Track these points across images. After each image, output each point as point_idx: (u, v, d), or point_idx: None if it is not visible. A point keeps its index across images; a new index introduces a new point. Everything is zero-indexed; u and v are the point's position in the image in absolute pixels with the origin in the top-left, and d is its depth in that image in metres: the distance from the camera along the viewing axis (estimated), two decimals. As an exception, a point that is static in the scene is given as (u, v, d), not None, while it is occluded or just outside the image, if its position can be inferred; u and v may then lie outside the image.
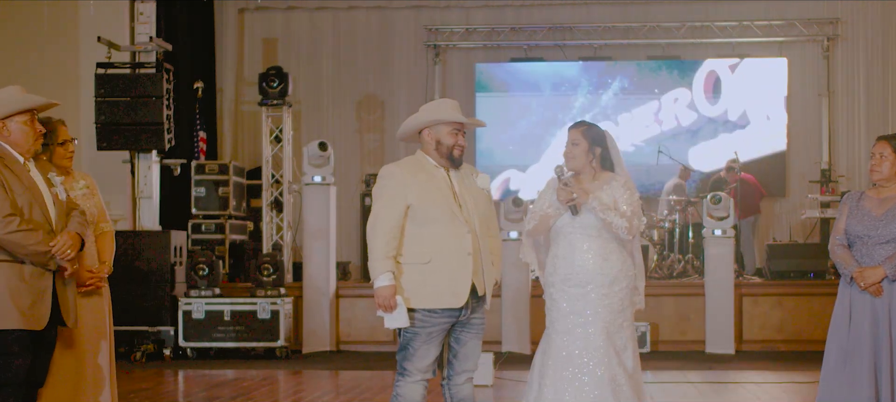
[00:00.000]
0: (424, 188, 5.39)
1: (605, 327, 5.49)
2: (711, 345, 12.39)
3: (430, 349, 5.39)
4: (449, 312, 5.37)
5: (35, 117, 5.38)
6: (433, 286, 5.34)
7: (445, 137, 5.49)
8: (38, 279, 5.21)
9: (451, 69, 17.24)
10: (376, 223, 5.36)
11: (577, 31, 16.91)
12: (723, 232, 12.56)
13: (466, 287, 5.36)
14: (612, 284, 5.53)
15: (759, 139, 16.46)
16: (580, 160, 5.65)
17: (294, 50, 17.12)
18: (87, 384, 5.72)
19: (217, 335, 12.01)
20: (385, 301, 5.30)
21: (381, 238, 5.33)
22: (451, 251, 5.35)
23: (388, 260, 5.32)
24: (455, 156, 5.49)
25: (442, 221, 5.37)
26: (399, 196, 5.36)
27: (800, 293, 12.80)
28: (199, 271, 12.15)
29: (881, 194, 5.95)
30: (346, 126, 17.15)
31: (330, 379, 10.72)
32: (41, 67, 13.78)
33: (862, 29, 16.53)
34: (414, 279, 5.35)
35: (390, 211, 5.36)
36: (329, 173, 12.83)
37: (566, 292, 5.55)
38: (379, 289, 5.31)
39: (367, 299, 13.00)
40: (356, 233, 15.96)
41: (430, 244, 5.35)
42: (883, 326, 5.78)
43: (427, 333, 5.36)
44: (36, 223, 5.18)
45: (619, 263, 5.56)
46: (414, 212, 5.36)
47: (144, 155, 12.89)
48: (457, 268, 5.36)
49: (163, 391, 9.78)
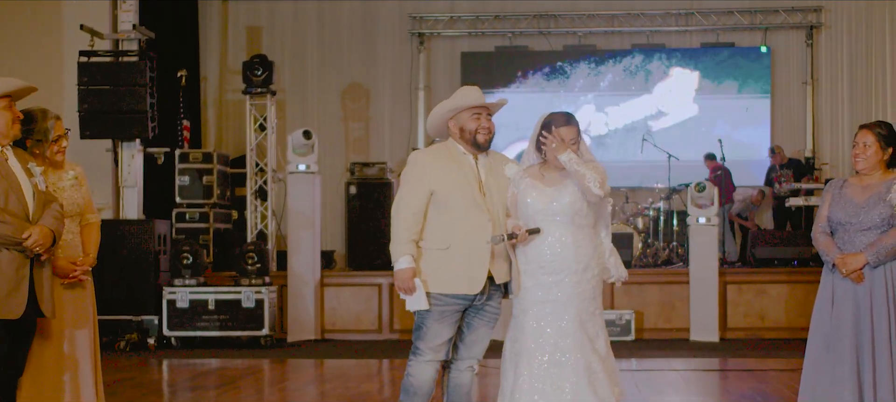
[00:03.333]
0: (449, 175, 5.51)
1: (578, 314, 5.48)
2: (696, 333, 12.43)
3: (443, 328, 5.51)
4: (463, 296, 5.49)
5: (13, 102, 5.34)
6: (450, 272, 5.46)
7: (468, 123, 5.58)
8: (15, 269, 5.18)
9: (436, 57, 17.23)
10: (399, 207, 5.51)
11: (562, 19, 16.92)
12: (707, 220, 12.59)
13: (483, 275, 5.49)
14: (585, 270, 5.51)
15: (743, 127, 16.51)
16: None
17: (278, 38, 17.08)
18: (68, 375, 5.70)
19: (201, 323, 11.99)
20: (404, 284, 5.45)
21: (403, 222, 5.47)
22: (470, 238, 5.47)
23: (409, 244, 5.46)
24: (480, 141, 5.58)
25: (463, 208, 5.48)
26: (423, 182, 5.50)
27: (783, 281, 12.85)
28: (183, 259, 12.12)
29: (864, 182, 5.96)
30: (330, 115, 17.13)
31: (314, 368, 10.71)
32: (24, 56, 13.70)
33: (845, 17, 16.59)
34: (432, 264, 5.48)
35: (413, 196, 5.50)
36: (314, 162, 12.81)
37: (540, 281, 5.52)
38: (398, 271, 5.46)
39: (351, 288, 13.01)
40: (341, 221, 15.95)
41: (450, 230, 5.48)
42: (864, 312, 5.80)
43: (440, 312, 5.48)
44: (11, 213, 5.14)
45: (591, 249, 5.54)
46: (437, 198, 5.49)
47: (128, 144, 12.85)
48: (475, 255, 5.47)
49: (147, 381, 9.75)
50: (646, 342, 12.19)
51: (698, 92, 16.64)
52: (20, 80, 5.41)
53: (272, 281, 12.42)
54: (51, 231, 5.29)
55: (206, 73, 17.01)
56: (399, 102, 17.08)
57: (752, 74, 16.55)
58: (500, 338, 5.77)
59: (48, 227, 5.28)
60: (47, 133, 5.76)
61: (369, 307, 12.95)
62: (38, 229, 5.22)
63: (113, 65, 12.61)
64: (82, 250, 5.88)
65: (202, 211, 13.97)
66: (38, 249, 5.22)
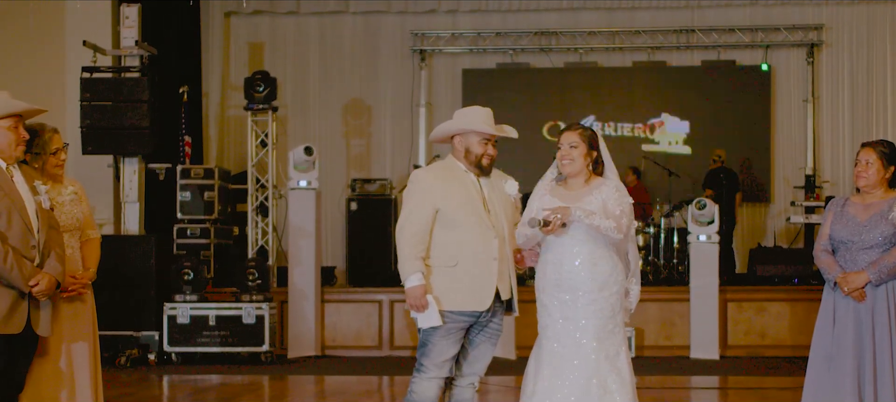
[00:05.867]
0: (453, 193, 5.54)
1: (596, 333, 5.46)
2: (696, 350, 12.42)
3: (449, 345, 5.52)
4: (471, 313, 5.52)
5: (20, 123, 5.36)
6: (459, 289, 5.48)
7: (475, 147, 5.61)
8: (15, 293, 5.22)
9: (438, 74, 17.24)
10: (405, 226, 5.53)
11: (563, 36, 16.94)
12: (707, 238, 12.59)
13: (491, 291, 5.52)
14: (601, 289, 5.49)
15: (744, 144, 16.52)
16: (578, 163, 5.59)
17: (280, 54, 17.10)
18: (65, 389, 5.69)
19: (202, 339, 11.97)
20: (416, 301, 5.45)
21: (410, 240, 5.48)
22: (477, 256, 5.49)
23: (417, 261, 5.47)
24: (484, 165, 5.62)
25: (469, 225, 5.51)
26: (427, 200, 5.52)
27: (784, 299, 12.83)
28: (184, 275, 12.12)
29: (866, 201, 5.97)
30: (332, 131, 17.13)
31: (315, 384, 10.70)
32: (26, 71, 13.72)
33: (846, 35, 16.60)
34: (441, 281, 5.49)
35: (418, 215, 5.51)
36: (315, 178, 12.80)
37: (556, 298, 5.52)
38: (409, 289, 5.47)
39: (352, 304, 13.00)
40: (342, 238, 15.94)
41: (456, 248, 5.50)
42: (866, 331, 5.80)
43: (447, 329, 5.49)
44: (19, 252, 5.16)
45: (609, 267, 5.52)
46: (442, 216, 5.51)
47: (129, 159, 12.86)
48: (482, 272, 5.50)
49: (147, 397, 9.75)
50: (646, 360, 12.17)
51: (698, 109, 16.65)
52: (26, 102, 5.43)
53: (273, 297, 12.41)
54: (57, 280, 5.34)
55: (207, 89, 17.02)
56: (400, 119, 17.09)
57: (752, 91, 16.56)
58: (501, 355, 5.78)
59: (55, 276, 5.32)
60: (46, 146, 5.78)
61: (370, 324, 12.94)
62: (47, 279, 5.26)
63: (115, 81, 12.63)
64: (82, 265, 5.89)
65: (203, 227, 13.96)
66: (42, 298, 5.28)
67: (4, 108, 5.31)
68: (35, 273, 5.23)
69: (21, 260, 5.18)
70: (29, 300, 5.25)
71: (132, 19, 13.06)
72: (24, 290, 5.19)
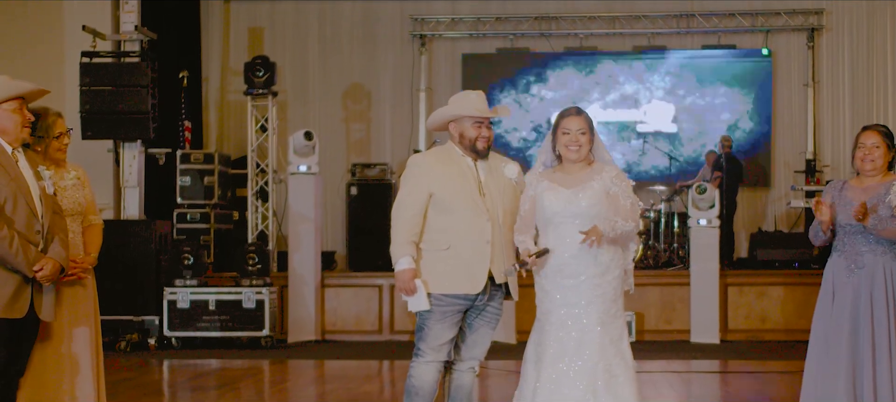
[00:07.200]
0: (448, 177, 5.58)
1: (600, 317, 5.45)
2: (696, 334, 12.44)
3: (445, 329, 5.55)
4: (465, 296, 5.53)
5: (24, 105, 5.34)
6: (451, 272, 5.51)
7: (469, 130, 5.64)
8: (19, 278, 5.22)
9: (438, 59, 17.23)
10: (399, 209, 5.58)
11: (563, 20, 16.91)
12: (708, 222, 12.60)
13: (483, 275, 5.53)
14: (604, 273, 5.48)
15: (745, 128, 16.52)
16: (585, 149, 5.56)
17: (280, 39, 17.08)
18: (67, 373, 5.70)
19: (202, 324, 11.99)
20: (404, 285, 5.50)
21: (403, 224, 5.53)
22: (469, 239, 5.53)
23: (409, 245, 5.51)
24: (479, 148, 5.65)
25: (463, 209, 5.54)
26: (422, 184, 5.56)
27: (784, 283, 12.84)
28: (184, 260, 12.13)
29: (863, 184, 5.95)
30: (331, 116, 17.12)
31: (315, 368, 10.72)
32: (26, 56, 13.71)
33: (847, 20, 16.58)
34: (433, 265, 5.54)
35: (413, 198, 5.56)
36: (314, 163, 12.81)
37: (559, 283, 5.49)
38: (399, 273, 5.52)
39: (352, 289, 13.02)
40: (341, 222, 15.96)
41: (450, 232, 5.53)
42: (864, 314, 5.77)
43: (441, 312, 5.52)
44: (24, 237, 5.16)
45: (611, 251, 5.51)
46: (436, 200, 5.56)
47: (129, 144, 12.87)
48: (474, 256, 5.52)
49: (148, 381, 9.76)
50: (646, 344, 12.18)
51: (698, 93, 16.63)
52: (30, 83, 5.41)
53: (273, 282, 12.42)
54: (60, 265, 5.34)
55: (207, 73, 17.01)
56: (400, 104, 17.08)
57: (753, 75, 16.54)
58: (501, 339, 5.78)
59: (59, 261, 5.32)
60: (49, 130, 5.77)
61: (370, 308, 12.95)
62: (51, 265, 5.26)
63: (115, 66, 12.62)
64: (84, 249, 5.89)
65: (203, 212, 13.98)
66: (46, 283, 5.28)
67: (8, 90, 5.29)
68: (39, 258, 5.23)
69: (26, 245, 5.18)
70: (32, 285, 5.25)
71: (132, 4, 13.07)
72: (28, 275, 5.19)
